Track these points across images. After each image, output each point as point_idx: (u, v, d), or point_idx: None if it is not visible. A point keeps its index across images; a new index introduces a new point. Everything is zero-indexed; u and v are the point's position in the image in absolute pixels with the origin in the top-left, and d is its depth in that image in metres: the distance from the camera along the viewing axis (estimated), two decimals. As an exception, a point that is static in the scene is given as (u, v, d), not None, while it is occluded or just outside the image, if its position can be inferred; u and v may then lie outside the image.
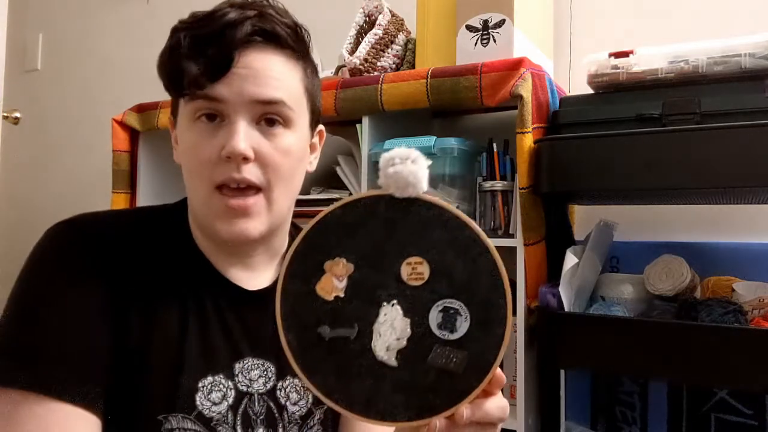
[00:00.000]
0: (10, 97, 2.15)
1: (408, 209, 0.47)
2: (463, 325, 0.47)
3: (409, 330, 0.48)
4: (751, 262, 1.20)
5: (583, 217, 1.42)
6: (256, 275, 0.74)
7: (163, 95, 0.74)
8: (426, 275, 0.47)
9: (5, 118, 2.12)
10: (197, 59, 0.63)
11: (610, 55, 1.12)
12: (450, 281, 0.47)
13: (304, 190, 1.46)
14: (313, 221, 0.50)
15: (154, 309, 0.65)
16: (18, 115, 2.20)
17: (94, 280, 0.63)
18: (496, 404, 0.51)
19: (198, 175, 0.66)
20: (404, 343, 0.48)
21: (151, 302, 0.65)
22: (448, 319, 0.47)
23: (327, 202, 1.39)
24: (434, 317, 0.48)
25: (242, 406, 0.69)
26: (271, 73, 0.66)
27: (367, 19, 1.47)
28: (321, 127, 0.79)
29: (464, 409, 0.48)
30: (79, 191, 2.24)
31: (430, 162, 0.48)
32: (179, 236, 0.71)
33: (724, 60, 1.04)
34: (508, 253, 1.18)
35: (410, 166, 0.47)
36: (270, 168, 0.66)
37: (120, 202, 1.61)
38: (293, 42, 0.68)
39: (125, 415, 0.62)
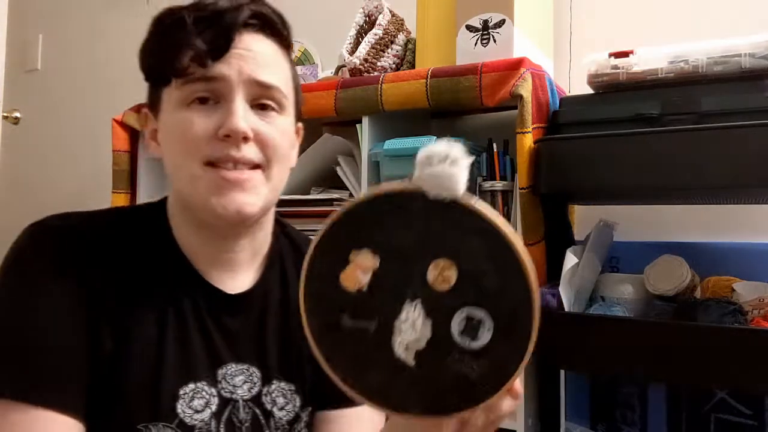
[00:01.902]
0: (10, 97, 2.15)
1: (444, 210, 0.45)
2: (485, 335, 0.46)
3: (429, 332, 0.46)
4: (751, 262, 1.20)
5: (583, 217, 1.41)
6: (238, 276, 0.72)
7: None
8: (453, 280, 0.45)
9: (5, 118, 2.12)
10: (199, 38, 0.62)
11: (610, 55, 1.12)
12: (478, 289, 0.45)
13: (305, 190, 1.46)
14: (343, 207, 0.48)
15: (131, 313, 0.63)
16: (18, 115, 2.21)
17: (69, 284, 0.61)
18: (507, 406, 0.51)
19: (187, 153, 0.64)
20: (423, 344, 0.47)
21: (127, 306, 0.64)
22: (471, 327, 0.46)
23: (327, 202, 1.38)
24: (457, 323, 0.46)
25: (226, 414, 0.67)
26: (267, 58, 0.66)
27: (367, 19, 1.47)
28: (299, 124, 0.78)
29: (477, 414, 0.48)
30: (79, 191, 2.24)
31: (471, 159, 0.44)
32: (157, 236, 0.69)
33: (724, 60, 1.03)
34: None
35: (448, 168, 0.44)
36: (270, 148, 0.65)
37: (120, 202, 1.61)
38: (283, 30, 0.69)
39: (104, 423, 0.61)
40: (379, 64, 1.38)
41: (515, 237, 0.45)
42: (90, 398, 0.60)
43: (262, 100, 0.66)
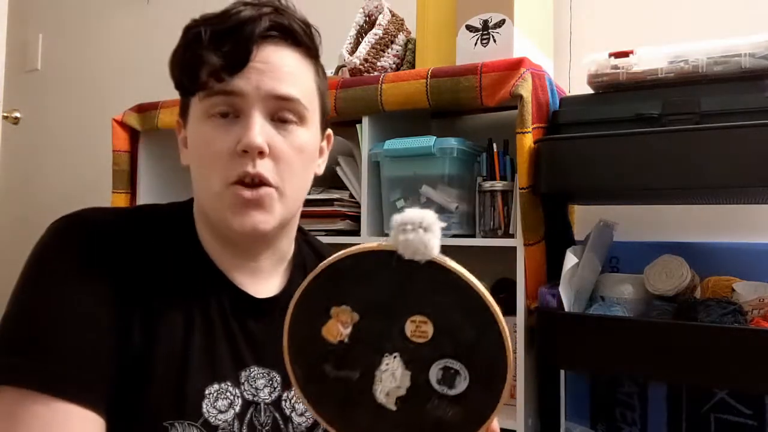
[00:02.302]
0: (10, 97, 2.15)
1: (419, 269, 0.47)
2: (461, 384, 0.49)
3: (409, 381, 0.49)
4: (751, 262, 1.20)
5: (583, 217, 1.42)
6: (263, 281, 0.73)
7: (163, 95, 0.73)
8: (430, 334, 0.49)
9: (5, 118, 2.12)
10: (217, 53, 0.63)
11: (610, 55, 1.12)
12: (453, 343, 0.49)
13: (304, 190, 1.46)
14: (324, 264, 0.50)
15: (159, 311, 0.64)
16: (18, 115, 2.21)
17: (98, 278, 0.62)
18: None
19: (211, 169, 0.65)
20: (404, 391, 0.50)
21: (156, 304, 0.64)
22: (448, 377, 0.49)
23: (327, 202, 1.39)
24: (434, 373, 0.49)
25: (248, 416, 0.67)
26: (288, 69, 0.66)
27: (367, 19, 1.47)
28: (329, 131, 0.78)
29: None
30: (79, 191, 2.24)
31: (443, 225, 0.47)
32: (185, 237, 0.70)
33: (724, 60, 1.03)
34: (508, 254, 1.18)
35: (422, 235, 0.46)
36: (284, 164, 0.66)
37: (120, 202, 1.61)
38: (307, 39, 0.69)
39: (130, 420, 0.61)
40: (379, 64, 1.38)
41: (487, 292, 0.48)
42: (117, 394, 0.61)
43: (281, 113, 0.66)
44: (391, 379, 0.49)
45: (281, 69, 0.65)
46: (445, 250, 0.48)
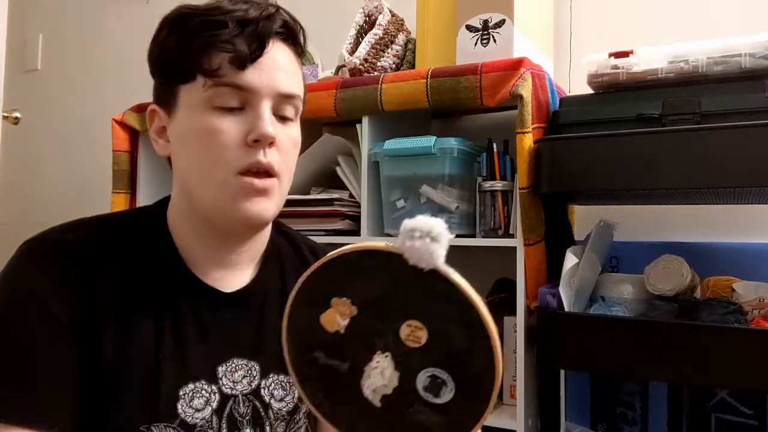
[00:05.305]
0: (10, 97, 2.15)
1: (421, 275, 0.47)
2: (447, 395, 0.49)
3: (396, 382, 0.50)
4: (751, 262, 1.20)
5: (583, 217, 1.42)
6: (236, 275, 0.73)
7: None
8: (423, 340, 0.49)
9: (5, 118, 2.12)
10: (238, 41, 0.64)
11: (610, 55, 1.12)
12: (445, 352, 0.49)
13: (305, 190, 1.46)
14: (332, 255, 0.50)
15: (129, 319, 0.65)
16: (18, 115, 2.20)
17: (63, 296, 0.62)
18: None
19: (214, 159, 0.65)
20: (390, 391, 0.50)
21: (126, 312, 0.65)
22: (435, 385, 0.49)
23: (327, 202, 1.39)
24: (422, 380, 0.49)
25: (227, 409, 0.69)
26: (290, 68, 0.69)
27: (367, 19, 1.47)
28: None
29: None
30: (79, 191, 2.24)
31: (452, 236, 0.47)
32: (154, 240, 0.70)
33: (724, 60, 1.03)
34: (508, 254, 1.18)
35: (429, 244, 0.46)
36: (284, 155, 0.68)
37: (120, 202, 1.61)
38: (302, 39, 0.72)
39: (106, 425, 0.62)
40: (379, 64, 1.38)
41: (485, 308, 0.48)
42: (91, 402, 0.61)
43: (282, 109, 0.68)
44: (379, 377, 0.50)
45: (286, 67, 0.68)
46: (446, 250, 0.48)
